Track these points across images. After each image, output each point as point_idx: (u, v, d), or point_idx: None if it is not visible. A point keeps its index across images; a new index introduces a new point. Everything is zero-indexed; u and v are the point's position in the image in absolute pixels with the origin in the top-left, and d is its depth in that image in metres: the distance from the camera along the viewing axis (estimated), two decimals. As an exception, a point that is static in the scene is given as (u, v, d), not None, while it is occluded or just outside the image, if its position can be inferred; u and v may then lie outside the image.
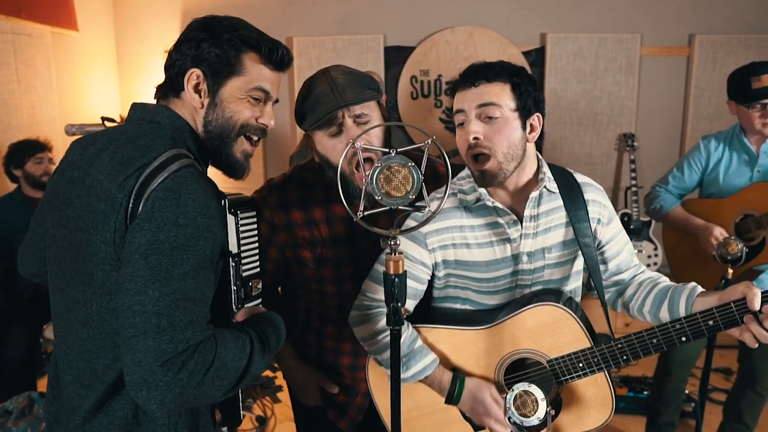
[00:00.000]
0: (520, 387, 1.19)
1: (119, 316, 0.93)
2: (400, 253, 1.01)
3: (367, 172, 1.17)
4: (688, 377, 2.66)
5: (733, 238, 2.08)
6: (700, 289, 1.34)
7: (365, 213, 0.99)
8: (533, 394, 1.18)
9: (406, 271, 1.01)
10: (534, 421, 1.16)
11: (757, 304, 1.18)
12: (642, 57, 4.08)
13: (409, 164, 0.97)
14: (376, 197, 0.98)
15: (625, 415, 3.05)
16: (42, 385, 2.97)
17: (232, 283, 1.18)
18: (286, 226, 1.52)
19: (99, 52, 4.09)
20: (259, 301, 1.29)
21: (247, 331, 1.05)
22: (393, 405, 1.06)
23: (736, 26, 4.03)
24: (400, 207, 0.99)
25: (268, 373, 3.52)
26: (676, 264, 2.59)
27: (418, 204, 1.02)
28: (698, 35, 4.01)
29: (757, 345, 1.21)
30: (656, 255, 3.92)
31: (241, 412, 1.23)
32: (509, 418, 1.18)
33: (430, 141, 0.97)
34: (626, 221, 3.96)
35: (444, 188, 1.16)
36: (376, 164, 0.97)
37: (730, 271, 2.06)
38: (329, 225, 1.52)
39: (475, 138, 1.31)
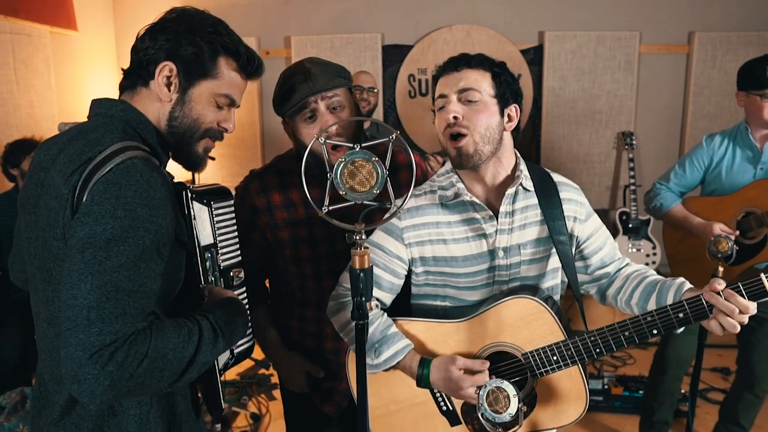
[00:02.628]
0: (492, 383, 1.18)
1: (59, 310, 0.94)
2: (366, 247, 1.01)
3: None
4: (683, 375, 2.65)
5: (723, 236, 2.06)
6: (688, 284, 1.35)
7: (330, 208, 0.99)
8: (505, 390, 1.17)
9: (372, 266, 1.01)
10: (506, 417, 1.16)
11: (718, 286, 1.21)
12: (641, 55, 4.06)
13: (373, 159, 0.97)
14: (341, 192, 0.98)
15: (621, 414, 3.04)
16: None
17: (210, 272, 1.18)
18: (266, 209, 1.61)
19: (98, 52, 4.11)
20: (243, 290, 1.29)
21: (197, 320, 1.04)
22: (359, 398, 1.06)
23: (735, 23, 3.99)
24: (364, 202, 0.99)
25: (263, 371, 3.53)
26: (676, 262, 2.57)
27: (386, 200, 1.02)
28: (698, 33, 3.98)
29: (723, 333, 1.23)
30: (655, 254, 3.89)
31: (222, 401, 1.21)
32: (482, 414, 1.18)
33: (394, 136, 0.97)
34: (625, 220, 3.94)
35: (423, 184, 1.18)
36: (339, 159, 0.97)
37: (721, 269, 2.05)
38: (306, 207, 1.60)
39: (455, 117, 1.35)
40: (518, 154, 1.47)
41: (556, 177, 1.49)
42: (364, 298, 0.99)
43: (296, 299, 1.69)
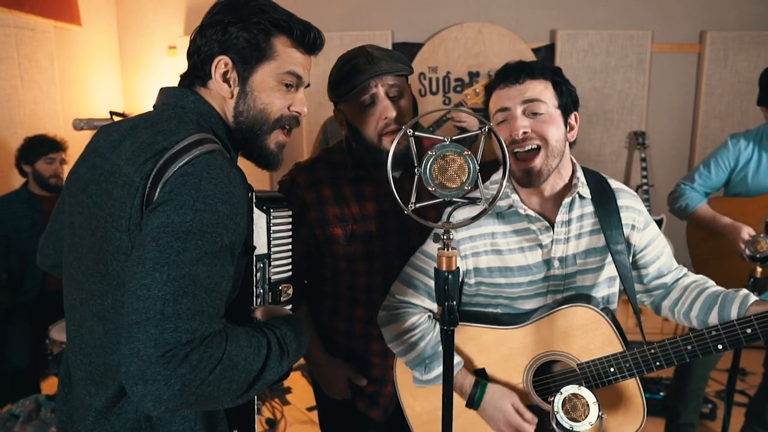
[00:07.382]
0: (569, 390, 1.13)
1: (124, 302, 0.85)
2: (453, 248, 0.95)
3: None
4: (709, 376, 2.62)
5: (762, 236, 2.03)
6: (753, 297, 1.30)
7: (417, 205, 0.93)
8: (584, 398, 1.12)
9: (458, 267, 0.95)
10: (586, 425, 1.10)
11: None
12: (653, 54, 4.04)
13: (465, 153, 0.91)
14: (430, 188, 0.92)
15: (640, 416, 3.00)
16: (46, 387, 2.90)
17: (259, 285, 1.10)
18: (316, 204, 1.53)
19: (102, 48, 4.01)
20: (290, 307, 1.22)
21: (266, 333, 0.96)
22: (444, 411, 0.99)
23: (748, 23, 3.99)
24: (454, 199, 0.93)
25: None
26: (699, 261, 2.55)
27: (471, 196, 0.96)
28: (710, 32, 3.97)
29: None
30: (667, 254, 3.87)
31: (254, 428, 1.13)
32: (557, 423, 1.12)
33: (486, 128, 0.91)
34: (637, 220, 3.92)
35: (500, 182, 1.12)
36: (429, 153, 0.91)
37: (759, 269, 2.02)
38: (359, 202, 1.53)
39: (524, 132, 1.28)
40: (574, 161, 1.42)
41: (614, 183, 1.44)
42: (455, 302, 0.93)
43: (344, 297, 1.61)
